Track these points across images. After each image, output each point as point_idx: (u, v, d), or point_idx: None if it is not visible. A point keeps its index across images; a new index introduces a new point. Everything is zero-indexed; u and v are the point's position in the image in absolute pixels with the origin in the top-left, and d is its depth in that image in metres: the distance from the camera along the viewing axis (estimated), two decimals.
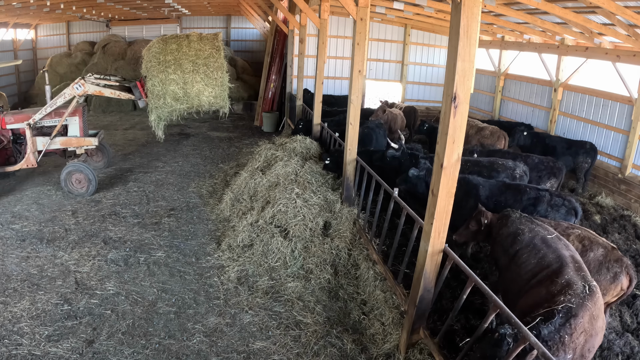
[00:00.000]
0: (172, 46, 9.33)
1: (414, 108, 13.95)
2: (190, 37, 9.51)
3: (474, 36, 3.55)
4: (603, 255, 4.76)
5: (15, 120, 9.01)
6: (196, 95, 9.28)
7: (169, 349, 4.97)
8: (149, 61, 9.26)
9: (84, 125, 9.64)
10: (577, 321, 3.59)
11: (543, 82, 12.24)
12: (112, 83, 9.54)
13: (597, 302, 3.74)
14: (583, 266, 4.10)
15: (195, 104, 9.43)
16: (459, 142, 3.87)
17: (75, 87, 8.93)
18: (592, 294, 3.75)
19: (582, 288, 3.78)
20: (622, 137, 9.74)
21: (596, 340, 3.69)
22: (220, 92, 9.46)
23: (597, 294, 3.78)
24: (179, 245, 7.33)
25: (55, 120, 9.25)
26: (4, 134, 9.11)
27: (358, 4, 6.77)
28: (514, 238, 4.68)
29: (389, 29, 16.29)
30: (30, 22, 20.05)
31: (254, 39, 23.59)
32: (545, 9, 7.49)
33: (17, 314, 5.36)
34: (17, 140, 9.26)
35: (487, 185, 6.37)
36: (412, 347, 4.68)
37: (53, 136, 9.18)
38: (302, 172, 8.05)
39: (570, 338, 3.56)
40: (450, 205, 4.13)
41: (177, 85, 9.13)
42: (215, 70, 9.30)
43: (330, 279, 6.33)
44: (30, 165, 9.14)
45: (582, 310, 3.64)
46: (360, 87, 7.17)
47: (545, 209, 5.97)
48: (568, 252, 4.28)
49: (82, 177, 9.03)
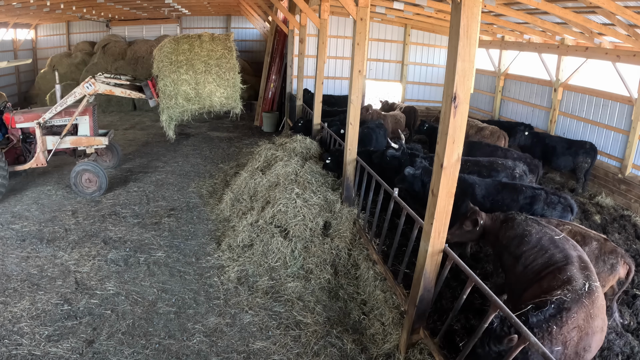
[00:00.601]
0: (184, 46, 9.27)
1: (414, 108, 13.95)
2: (202, 38, 9.43)
3: (474, 36, 3.55)
4: (598, 249, 4.84)
5: (25, 119, 9.00)
6: (208, 96, 9.21)
7: (169, 349, 4.97)
8: (160, 61, 9.18)
9: (94, 124, 9.64)
10: (570, 315, 3.58)
11: (543, 82, 12.24)
12: (122, 82, 9.49)
13: (596, 302, 3.72)
14: (590, 267, 4.08)
15: (207, 104, 9.36)
16: (459, 142, 3.87)
17: (85, 86, 8.89)
18: (591, 292, 3.74)
19: (581, 285, 3.78)
20: (622, 137, 9.74)
21: (593, 340, 3.67)
22: (232, 93, 9.38)
23: (596, 294, 3.77)
24: (179, 245, 7.33)
25: (65, 120, 9.23)
26: (14, 133, 9.11)
27: (358, 4, 6.77)
28: (520, 240, 4.65)
29: (389, 29, 16.29)
30: (30, 22, 20.05)
31: (254, 39, 23.59)
32: (545, 9, 7.49)
33: (17, 314, 5.36)
34: (26, 139, 9.26)
35: (483, 184, 6.38)
36: (412, 347, 4.68)
37: (63, 135, 9.17)
38: (302, 172, 8.05)
39: (559, 330, 3.55)
40: (450, 205, 4.13)
41: (189, 85, 9.06)
42: (227, 71, 9.25)
43: (330, 279, 6.33)
44: (40, 164, 9.14)
45: (576, 305, 3.63)
46: (360, 87, 7.17)
47: (541, 208, 6.01)
48: (576, 252, 4.27)
49: (93, 177, 9.03)
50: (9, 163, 8.83)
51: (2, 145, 8.94)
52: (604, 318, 3.80)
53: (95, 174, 9.01)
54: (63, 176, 10.13)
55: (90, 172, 9.00)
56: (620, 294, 5.07)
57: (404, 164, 7.49)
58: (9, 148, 9.01)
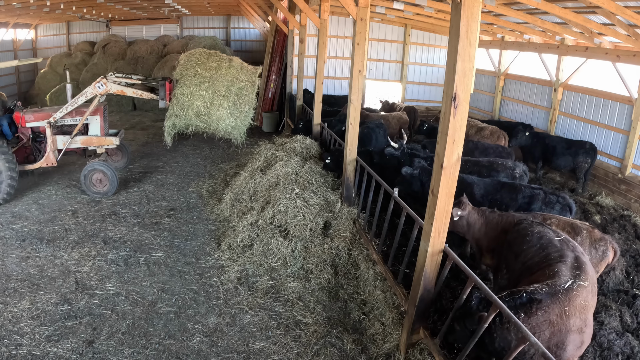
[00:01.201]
0: (213, 64, 9.23)
1: (414, 108, 13.95)
2: (233, 62, 9.40)
3: (474, 36, 3.55)
4: (588, 237, 5.05)
5: (36, 119, 9.00)
6: (217, 119, 9.13)
7: (169, 349, 4.97)
8: (185, 68, 9.12)
9: (105, 124, 9.63)
10: (540, 307, 3.61)
11: (543, 82, 12.24)
12: (134, 82, 9.43)
13: (574, 300, 3.69)
14: (584, 267, 4.08)
15: (213, 127, 9.28)
16: (459, 142, 3.87)
17: (97, 85, 8.87)
18: (569, 290, 3.72)
19: (563, 283, 3.78)
20: (622, 137, 9.74)
21: (568, 339, 3.64)
22: (240, 126, 9.34)
23: (576, 293, 3.73)
24: (179, 245, 7.33)
25: (75, 119, 9.23)
26: (24, 132, 9.11)
27: (358, 4, 6.77)
28: (522, 240, 4.71)
29: (389, 29, 16.28)
30: (30, 22, 20.05)
31: (254, 39, 23.59)
32: (545, 9, 7.49)
33: (17, 314, 5.36)
34: (36, 139, 9.25)
35: (482, 184, 6.39)
36: (412, 347, 4.68)
37: (74, 135, 9.17)
38: (302, 172, 8.05)
39: (527, 319, 3.60)
40: (450, 205, 4.14)
41: (203, 102, 8.97)
42: (244, 104, 9.22)
43: (330, 279, 6.33)
44: (50, 163, 9.14)
45: (550, 300, 3.64)
46: (360, 87, 7.17)
47: (540, 207, 6.04)
48: (573, 253, 4.28)
49: (104, 177, 9.03)
50: (19, 162, 8.81)
51: (12, 144, 8.93)
52: (586, 319, 3.74)
53: (106, 174, 9.02)
54: (63, 176, 10.13)
55: (101, 172, 9.00)
56: (601, 273, 5.36)
57: (404, 163, 7.49)
58: (18, 147, 9.01)
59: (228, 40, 23.24)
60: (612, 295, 5.79)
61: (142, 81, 9.70)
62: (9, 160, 8.30)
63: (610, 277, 6.04)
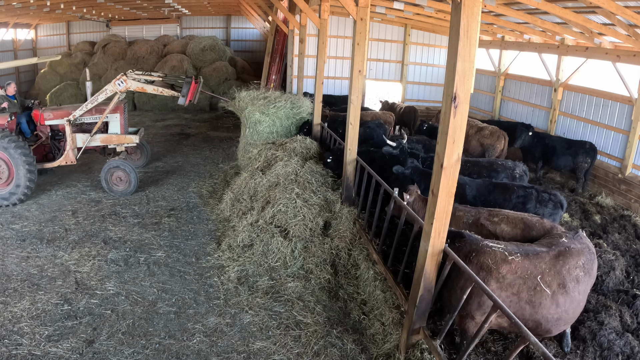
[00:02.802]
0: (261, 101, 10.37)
1: (414, 108, 13.95)
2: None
3: (474, 36, 3.55)
4: (542, 229, 5.00)
5: (55, 117, 9.00)
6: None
7: (169, 349, 4.97)
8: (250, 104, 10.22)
9: (125, 122, 9.62)
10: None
11: (543, 82, 12.24)
12: (154, 79, 9.40)
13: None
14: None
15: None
16: (459, 142, 3.87)
17: (117, 83, 8.84)
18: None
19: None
20: (622, 137, 9.74)
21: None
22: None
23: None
24: (179, 245, 7.33)
25: (95, 117, 9.23)
26: (42, 130, 9.10)
27: (358, 4, 6.77)
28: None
29: (389, 29, 16.29)
30: (30, 22, 20.07)
31: (254, 39, 23.60)
32: (545, 9, 7.49)
33: (17, 314, 5.36)
34: (55, 137, 9.25)
35: (474, 184, 6.38)
36: (413, 347, 4.67)
37: (93, 133, 9.16)
38: (302, 172, 8.04)
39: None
40: (450, 205, 4.13)
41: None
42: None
43: (330, 279, 6.33)
44: (69, 162, 9.14)
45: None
46: (360, 87, 7.17)
47: (534, 206, 6.06)
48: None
49: (124, 175, 9.03)
50: (37, 160, 8.81)
51: (31, 142, 8.93)
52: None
53: (126, 173, 9.02)
54: (63, 176, 10.13)
55: (122, 170, 9.00)
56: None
57: (402, 163, 7.49)
58: (37, 145, 9.00)
59: (228, 40, 23.25)
60: (612, 295, 5.78)
61: (163, 78, 9.65)
62: (27, 157, 8.28)
63: (610, 277, 6.03)
